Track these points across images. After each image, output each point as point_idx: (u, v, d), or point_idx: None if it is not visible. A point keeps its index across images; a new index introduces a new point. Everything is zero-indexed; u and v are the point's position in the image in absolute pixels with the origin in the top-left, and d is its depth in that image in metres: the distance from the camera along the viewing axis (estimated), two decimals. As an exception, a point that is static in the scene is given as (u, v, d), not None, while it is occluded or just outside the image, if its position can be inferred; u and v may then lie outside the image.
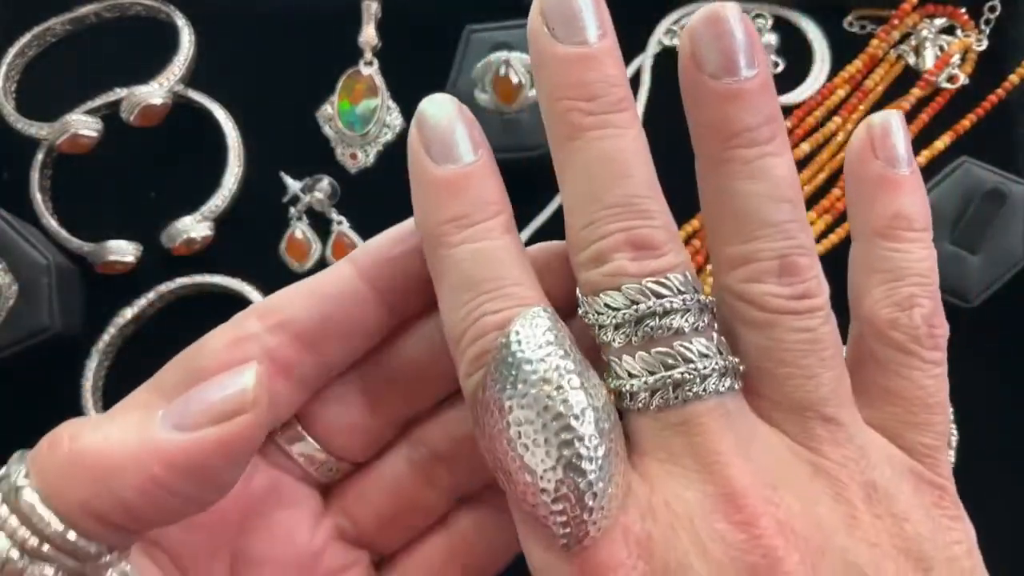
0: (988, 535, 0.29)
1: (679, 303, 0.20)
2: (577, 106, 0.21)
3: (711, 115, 0.22)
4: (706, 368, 0.20)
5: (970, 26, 0.41)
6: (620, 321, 0.21)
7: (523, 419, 0.20)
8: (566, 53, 0.21)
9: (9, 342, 0.37)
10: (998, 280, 0.37)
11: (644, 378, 0.20)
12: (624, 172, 0.22)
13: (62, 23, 0.43)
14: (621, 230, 0.21)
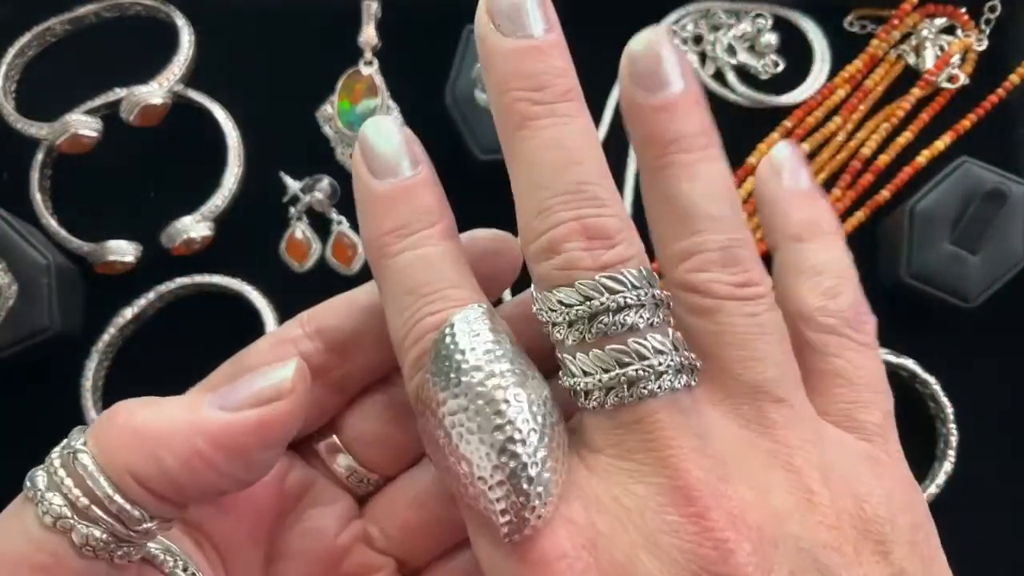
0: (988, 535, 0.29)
1: (633, 298, 0.20)
2: (524, 96, 0.22)
3: (650, 127, 0.23)
4: (661, 365, 0.20)
5: (970, 26, 0.41)
6: (573, 318, 0.21)
7: (456, 408, 0.20)
8: (512, 46, 0.22)
9: (9, 342, 0.37)
10: (998, 280, 0.37)
11: (598, 376, 0.20)
12: (573, 159, 0.21)
13: (62, 23, 0.43)
14: (573, 218, 0.21)
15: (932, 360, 0.37)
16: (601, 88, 0.42)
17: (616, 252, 0.21)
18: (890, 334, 0.38)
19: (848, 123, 0.41)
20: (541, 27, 0.22)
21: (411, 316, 0.21)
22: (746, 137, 0.41)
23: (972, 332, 0.39)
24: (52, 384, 0.39)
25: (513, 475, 0.20)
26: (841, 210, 0.40)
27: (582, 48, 0.41)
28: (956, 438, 0.37)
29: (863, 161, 0.40)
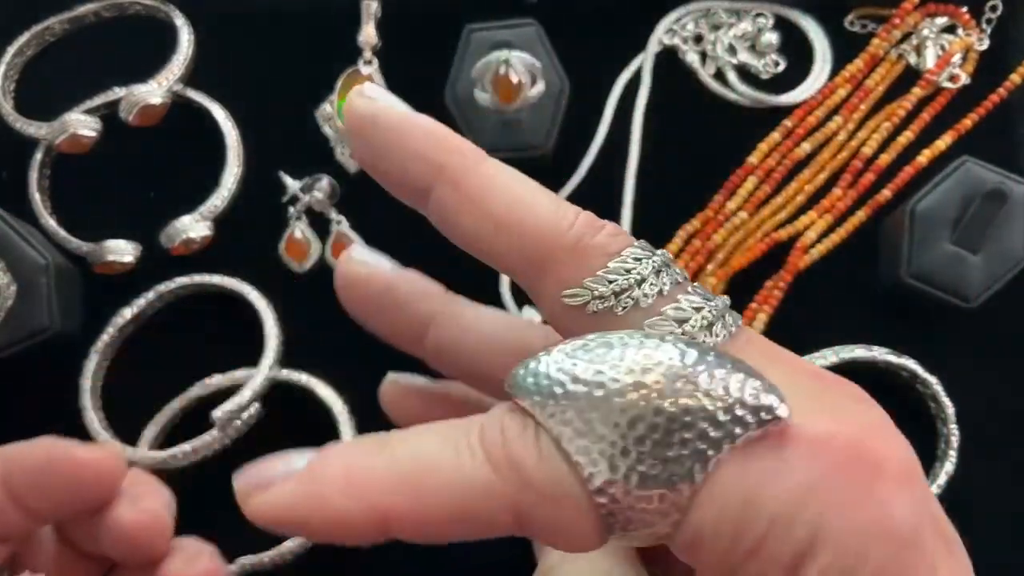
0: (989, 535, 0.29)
1: (637, 276, 0.21)
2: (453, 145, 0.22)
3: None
4: (694, 323, 0.20)
5: (971, 25, 0.41)
6: (605, 297, 0.21)
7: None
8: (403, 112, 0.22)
9: (8, 342, 0.37)
10: (999, 280, 0.37)
11: (699, 316, 0.20)
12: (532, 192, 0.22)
13: (61, 22, 0.43)
14: (575, 213, 0.22)
15: (933, 360, 0.37)
16: (602, 86, 0.42)
17: (622, 240, 0.22)
18: (890, 334, 0.38)
19: (849, 123, 0.41)
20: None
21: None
22: (746, 137, 0.41)
23: (973, 332, 0.38)
24: (51, 384, 0.39)
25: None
26: (842, 210, 0.40)
27: (583, 47, 0.41)
28: (957, 438, 0.37)
29: (864, 161, 0.40)
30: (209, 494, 0.38)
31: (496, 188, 0.21)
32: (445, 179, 0.21)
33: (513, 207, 0.21)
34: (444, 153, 0.22)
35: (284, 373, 0.38)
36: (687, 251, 0.40)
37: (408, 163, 0.22)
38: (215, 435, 0.37)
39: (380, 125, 0.22)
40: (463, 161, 0.22)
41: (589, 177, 0.40)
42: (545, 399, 0.18)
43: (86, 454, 0.24)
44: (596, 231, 0.22)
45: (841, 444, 0.19)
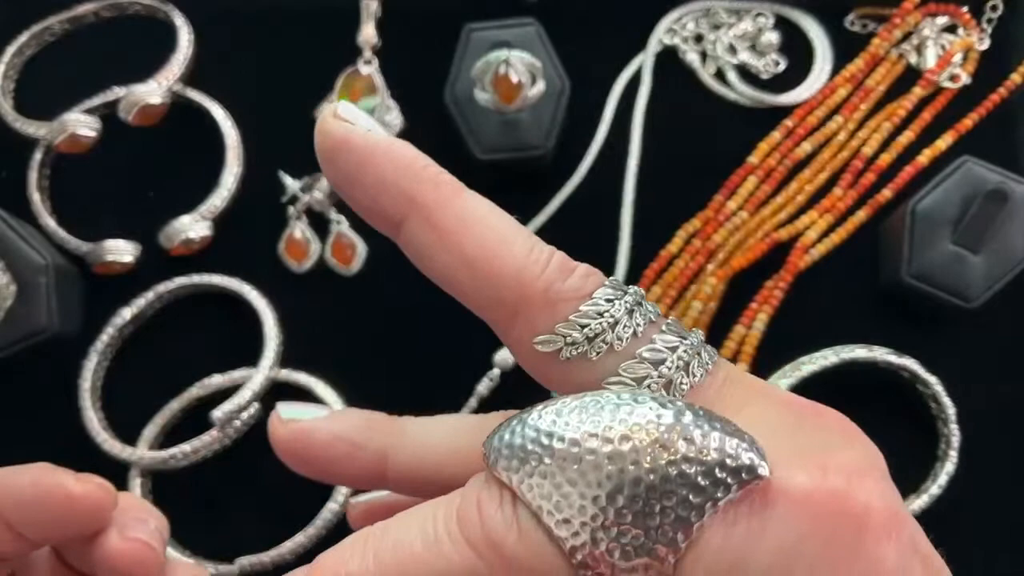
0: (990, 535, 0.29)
1: (610, 319, 0.20)
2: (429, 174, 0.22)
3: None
4: (668, 366, 0.20)
5: (972, 25, 0.41)
6: (581, 343, 0.20)
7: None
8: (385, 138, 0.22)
9: (8, 342, 0.37)
10: (1000, 280, 0.36)
11: (673, 357, 0.20)
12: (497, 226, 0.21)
13: (60, 22, 0.43)
14: (548, 255, 0.21)
15: (934, 360, 0.37)
16: (602, 86, 0.42)
17: (585, 270, 0.21)
18: (891, 334, 0.38)
19: (849, 122, 0.41)
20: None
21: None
22: (747, 136, 0.41)
23: (973, 332, 0.38)
24: (51, 384, 0.39)
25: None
26: (842, 209, 0.40)
27: (583, 47, 0.41)
28: (958, 438, 0.36)
29: (864, 160, 0.40)
30: (209, 494, 0.38)
31: (469, 226, 0.21)
32: (417, 213, 0.21)
33: (486, 247, 0.20)
34: (417, 184, 0.21)
35: (283, 373, 0.38)
36: (687, 251, 0.40)
37: (379, 193, 0.21)
38: (214, 435, 0.37)
39: (351, 150, 0.21)
40: (436, 194, 0.21)
41: (589, 177, 0.40)
42: (521, 469, 0.18)
43: (77, 487, 0.24)
44: (568, 274, 0.21)
45: (823, 498, 0.18)
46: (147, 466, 0.37)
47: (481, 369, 0.38)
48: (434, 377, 0.39)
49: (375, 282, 0.40)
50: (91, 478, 0.24)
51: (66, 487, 0.24)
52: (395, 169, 0.21)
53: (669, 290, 0.39)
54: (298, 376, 0.38)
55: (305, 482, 0.38)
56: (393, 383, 0.39)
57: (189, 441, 0.37)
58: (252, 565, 0.36)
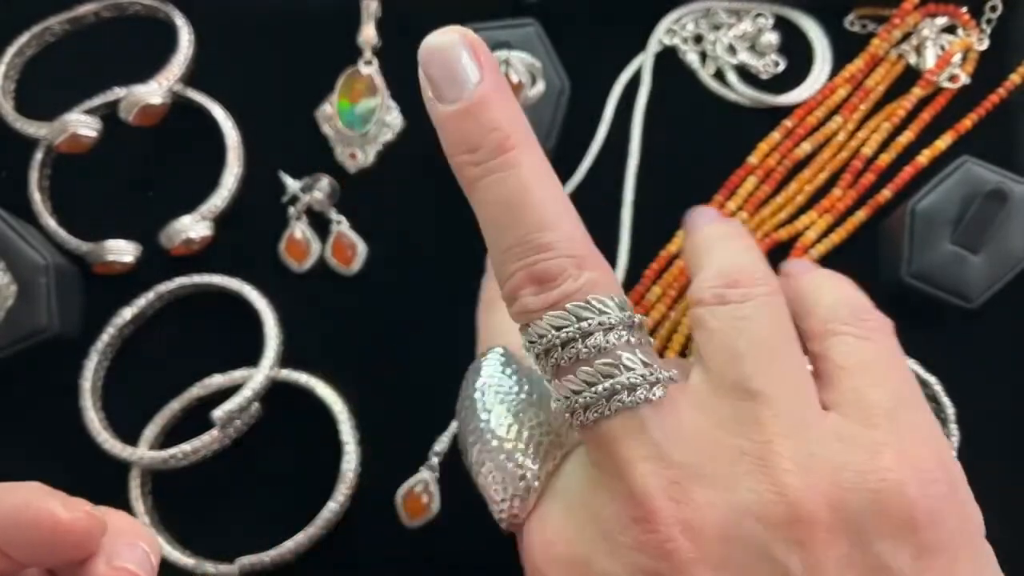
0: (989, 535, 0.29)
1: (575, 331, 0.22)
2: (466, 160, 0.23)
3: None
4: (616, 384, 0.22)
5: (971, 25, 0.41)
6: (539, 352, 0.23)
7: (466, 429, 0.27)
8: (448, 112, 0.23)
9: (8, 342, 0.37)
10: (1000, 280, 0.37)
11: (565, 402, 0.23)
12: (515, 210, 0.23)
13: (61, 22, 0.43)
14: (520, 268, 0.23)
15: (933, 360, 0.37)
16: (602, 86, 0.42)
17: (560, 291, 0.22)
18: (891, 334, 0.38)
19: (849, 123, 0.41)
20: (471, 83, 0.23)
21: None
22: (746, 137, 0.41)
23: (973, 332, 0.38)
24: (51, 384, 0.39)
25: (499, 469, 0.25)
26: (842, 209, 0.40)
27: (583, 47, 0.41)
28: (957, 439, 0.36)
29: (864, 161, 0.40)
30: (210, 494, 0.39)
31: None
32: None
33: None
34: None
35: (284, 373, 0.38)
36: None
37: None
38: (215, 435, 0.37)
39: None
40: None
41: (589, 177, 0.40)
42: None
43: (64, 514, 0.23)
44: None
45: (531, 561, 0.24)
46: (147, 466, 0.37)
47: (481, 369, 0.38)
48: (434, 377, 0.39)
49: (375, 282, 0.40)
50: (80, 504, 0.23)
51: (54, 513, 0.23)
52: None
53: (669, 290, 0.39)
54: (298, 376, 0.38)
55: (306, 482, 0.38)
56: (393, 383, 0.39)
57: (189, 441, 0.37)
58: (252, 565, 0.36)
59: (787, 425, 0.22)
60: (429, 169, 0.41)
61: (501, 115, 0.23)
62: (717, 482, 0.22)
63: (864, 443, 0.22)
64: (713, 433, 0.22)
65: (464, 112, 0.23)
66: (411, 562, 0.37)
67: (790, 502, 0.21)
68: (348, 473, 0.37)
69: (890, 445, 0.22)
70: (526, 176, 0.23)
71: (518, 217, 0.23)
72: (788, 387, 0.23)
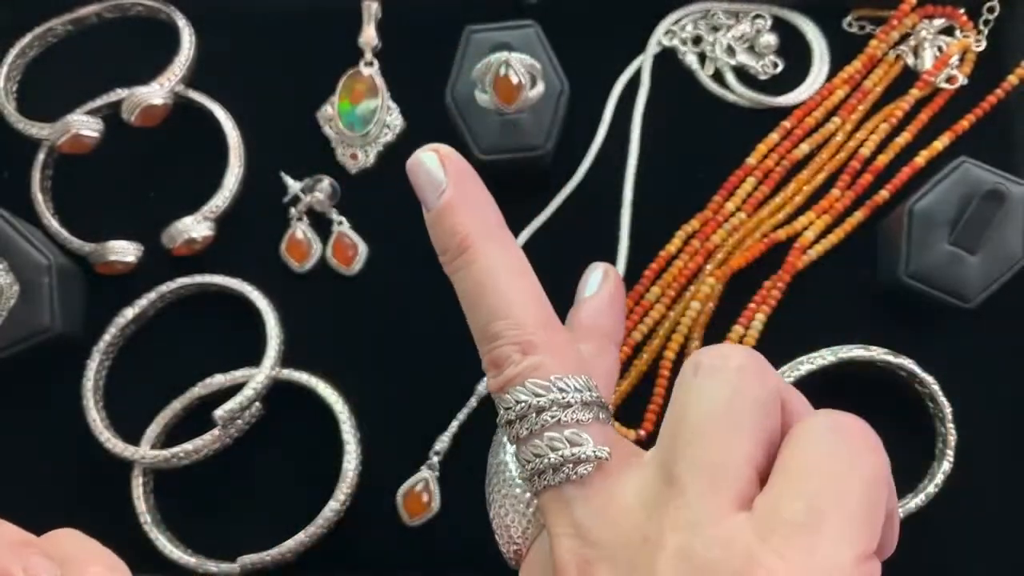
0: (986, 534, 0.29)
1: (525, 408, 0.24)
2: (441, 259, 0.26)
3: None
4: (547, 461, 0.24)
5: (969, 27, 0.41)
6: (502, 423, 0.25)
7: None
8: (428, 218, 0.27)
9: (10, 342, 0.37)
10: (997, 280, 0.37)
11: (527, 467, 0.24)
12: (475, 303, 0.26)
13: (63, 24, 0.43)
14: (484, 353, 0.25)
15: (931, 360, 0.37)
16: (601, 87, 0.42)
17: (504, 376, 0.25)
18: (889, 334, 0.38)
19: (847, 123, 0.41)
20: (434, 196, 0.26)
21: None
22: (745, 137, 0.41)
23: (971, 332, 0.39)
24: (53, 384, 0.39)
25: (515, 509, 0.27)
26: (840, 210, 0.40)
27: (583, 48, 0.42)
28: (955, 438, 0.37)
29: (862, 161, 0.40)
30: (211, 493, 0.39)
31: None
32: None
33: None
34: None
35: (285, 372, 0.38)
36: (686, 251, 0.40)
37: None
38: (216, 434, 0.37)
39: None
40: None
41: (589, 177, 0.41)
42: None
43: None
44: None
45: None
46: (149, 465, 0.38)
47: (481, 369, 0.38)
48: (435, 377, 0.39)
49: (376, 282, 0.40)
50: (41, 571, 0.23)
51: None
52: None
53: (668, 290, 0.39)
54: (299, 376, 0.38)
55: (307, 481, 0.38)
56: (393, 383, 0.39)
57: (191, 440, 0.37)
58: (253, 564, 0.36)
59: (686, 519, 0.22)
60: (429, 170, 0.41)
61: (462, 218, 0.26)
62: (619, 567, 0.22)
63: (743, 554, 0.21)
64: (635, 515, 0.23)
65: (436, 217, 0.26)
66: (411, 560, 0.37)
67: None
68: (349, 472, 0.37)
69: (764, 566, 0.21)
70: (480, 272, 0.25)
71: (477, 308, 0.26)
72: (706, 478, 0.22)
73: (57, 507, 0.38)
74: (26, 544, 0.24)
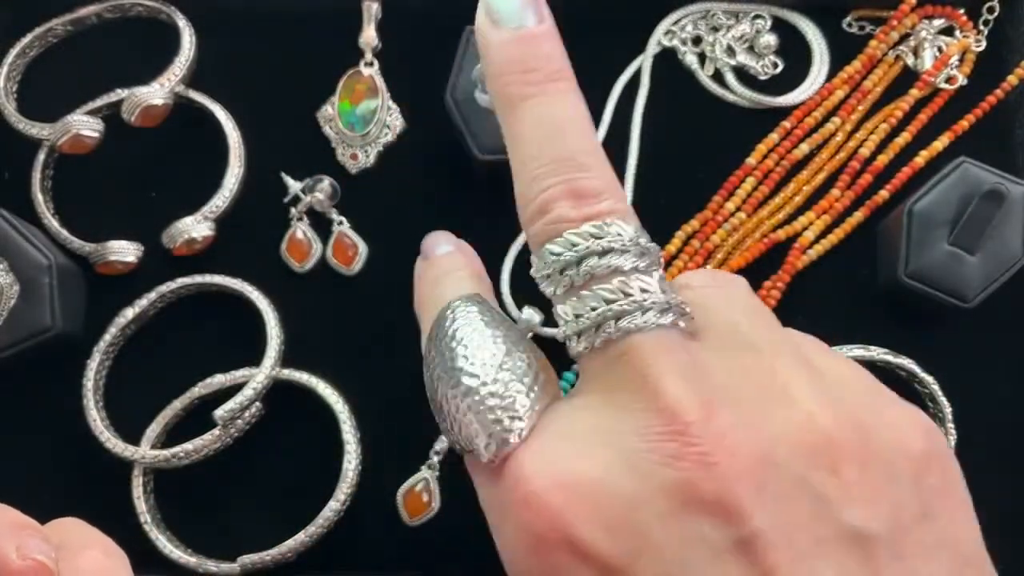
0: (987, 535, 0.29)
1: (618, 244, 0.22)
2: (516, 79, 0.24)
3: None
4: (646, 301, 0.22)
5: (969, 27, 0.41)
6: (563, 265, 0.22)
7: (433, 362, 0.25)
8: (506, 37, 0.25)
9: (10, 342, 0.37)
10: (997, 280, 0.37)
11: (586, 315, 0.22)
12: (561, 131, 0.24)
13: (63, 24, 0.43)
14: (560, 182, 0.23)
15: (931, 360, 0.37)
16: (601, 88, 0.42)
17: (600, 207, 0.23)
18: (888, 334, 0.38)
19: (847, 124, 0.41)
20: (533, 19, 0.25)
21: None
22: (745, 138, 0.41)
23: (970, 332, 0.39)
24: (53, 384, 0.39)
25: (474, 405, 0.23)
26: (840, 210, 0.40)
27: (582, 48, 0.41)
28: (955, 438, 0.37)
29: (861, 161, 0.40)
30: (211, 493, 0.39)
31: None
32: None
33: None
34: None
35: (285, 372, 0.38)
36: (686, 251, 0.40)
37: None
38: (217, 434, 0.37)
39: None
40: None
41: (589, 178, 0.41)
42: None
43: (16, 562, 0.23)
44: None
45: (525, 491, 0.21)
46: (149, 465, 0.38)
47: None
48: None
49: (376, 282, 0.40)
50: (35, 551, 0.23)
51: (5, 559, 0.23)
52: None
53: (668, 290, 0.39)
54: (300, 375, 0.38)
55: (308, 481, 0.38)
56: (393, 383, 0.39)
57: (191, 440, 0.37)
58: (254, 563, 0.36)
59: (803, 362, 0.23)
60: (429, 169, 0.41)
61: (559, 53, 0.25)
62: (747, 407, 0.21)
63: (874, 391, 0.23)
64: (735, 363, 0.22)
65: (526, 37, 0.24)
66: (412, 560, 0.37)
67: (821, 436, 0.21)
68: (349, 472, 0.37)
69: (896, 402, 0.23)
70: (576, 104, 0.24)
71: (564, 136, 0.24)
72: (788, 345, 0.23)
73: (57, 507, 0.38)
74: (24, 526, 0.24)
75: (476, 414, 0.23)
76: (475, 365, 0.23)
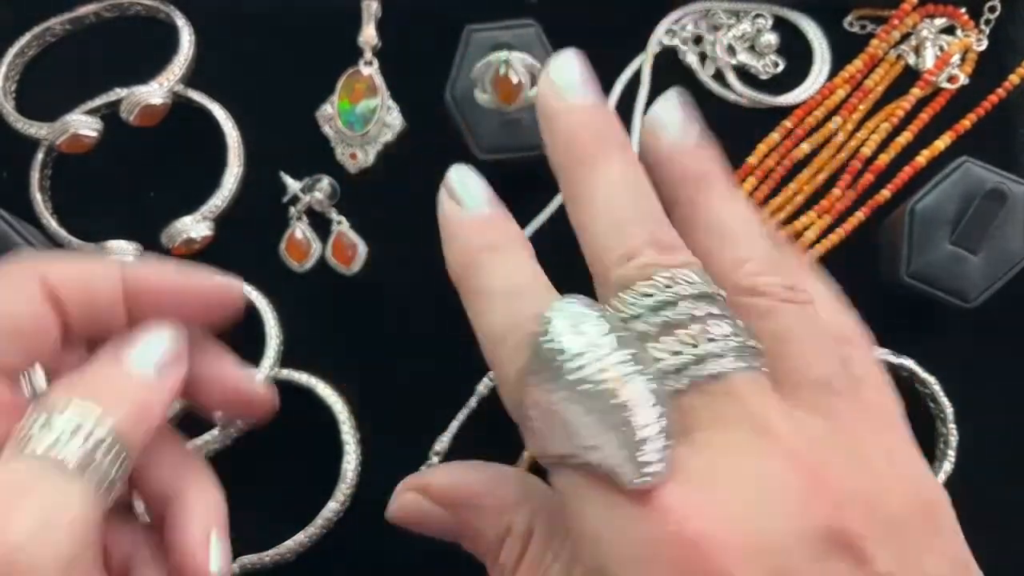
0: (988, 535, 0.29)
1: (700, 291, 0.23)
2: (590, 142, 0.26)
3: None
4: (737, 343, 0.22)
5: (970, 26, 0.41)
6: (655, 305, 0.23)
7: (565, 398, 0.22)
8: (577, 104, 0.27)
9: (9, 342, 0.37)
10: (998, 280, 0.37)
11: (672, 359, 0.22)
12: (640, 188, 0.26)
13: (62, 23, 0.43)
14: (647, 232, 0.24)
15: (932, 360, 0.37)
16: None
17: (683, 257, 0.24)
18: (890, 333, 0.38)
19: (848, 123, 0.41)
20: (593, 95, 0.27)
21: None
22: (746, 137, 0.41)
23: (972, 332, 0.39)
24: (52, 384, 0.39)
25: (626, 440, 0.21)
26: (841, 209, 0.40)
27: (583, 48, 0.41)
28: (956, 438, 0.37)
29: (863, 161, 0.40)
30: (210, 493, 0.39)
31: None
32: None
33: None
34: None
35: (284, 373, 0.38)
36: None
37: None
38: (216, 434, 0.37)
39: None
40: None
41: (589, 177, 0.41)
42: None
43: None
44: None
45: (684, 528, 0.21)
46: (148, 465, 0.37)
47: (481, 369, 0.38)
48: (435, 377, 0.39)
49: (375, 282, 0.40)
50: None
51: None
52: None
53: (668, 290, 0.39)
54: (299, 376, 0.38)
55: (306, 481, 0.38)
56: (393, 383, 0.39)
57: (191, 440, 0.37)
58: (252, 564, 0.36)
59: (873, 426, 0.24)
60: (429, 169, 0.41)
61: (620, 125, 0.27)
62: (841, 459, 0.22)
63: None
64: (816, 421, 0.23)
65: (596, 107, 0.26)
66: (411, 561, 0.37)
67: (896, 492, 0.22)
68: (348, 472, 0.37)
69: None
70: (643, 170, 0.26)
71: (644, 194, 0.26)
72: (855, 389, 0.24)
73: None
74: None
75: (619, 433, 0.21)
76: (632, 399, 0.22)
